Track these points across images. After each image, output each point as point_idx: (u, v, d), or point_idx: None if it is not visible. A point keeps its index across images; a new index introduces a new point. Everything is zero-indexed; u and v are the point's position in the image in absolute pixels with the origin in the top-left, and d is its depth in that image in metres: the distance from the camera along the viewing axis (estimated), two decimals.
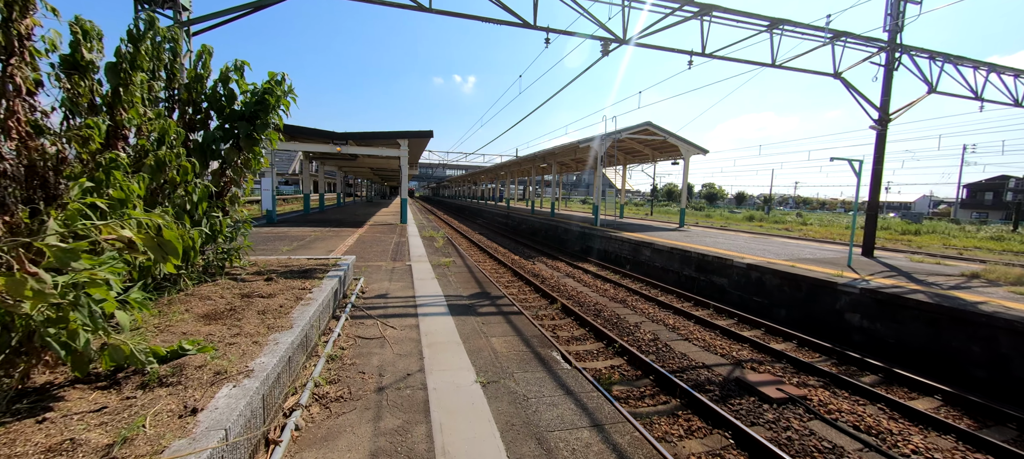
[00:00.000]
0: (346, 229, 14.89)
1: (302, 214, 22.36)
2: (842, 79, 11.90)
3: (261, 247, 9.78)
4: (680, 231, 19.65)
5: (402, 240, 12.56)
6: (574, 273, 13.76)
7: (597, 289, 11.57)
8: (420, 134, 17.81)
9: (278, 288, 4.29)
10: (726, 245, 13.92)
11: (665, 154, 24.64)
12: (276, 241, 10.96)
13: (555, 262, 15.73)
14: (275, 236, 12.08)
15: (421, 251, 10.43)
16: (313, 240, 11.48)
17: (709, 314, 9.45)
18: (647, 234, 16.98)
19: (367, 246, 10.96)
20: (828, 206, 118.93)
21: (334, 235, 12.93)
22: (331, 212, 25.03)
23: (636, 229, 19.57)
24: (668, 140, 21.53)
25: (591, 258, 16.52)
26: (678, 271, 12.68)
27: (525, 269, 13.98)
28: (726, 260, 10.92)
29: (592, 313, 9.14)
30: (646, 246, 14.35)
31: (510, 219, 30.82)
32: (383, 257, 9.27)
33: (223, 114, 4.19)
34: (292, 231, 13.52)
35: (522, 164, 34.90)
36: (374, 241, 12.03)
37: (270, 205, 16.69)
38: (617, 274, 13.74)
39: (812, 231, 30.51)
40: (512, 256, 16.70)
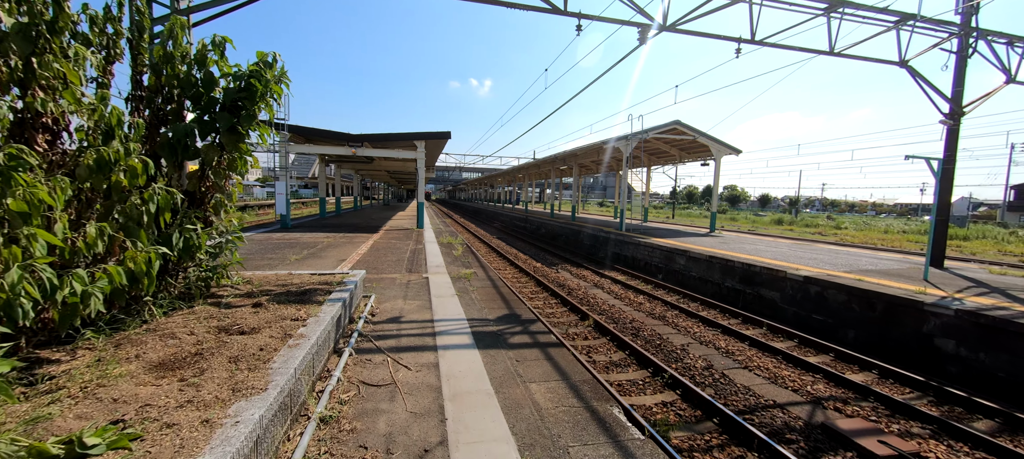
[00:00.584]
0: (360, 235, 14.20)
1: (318, 218, 21.89)
2: (908, 68, 10.60)
3: (267, 256, 9.09)
4: (712, 237, 18.38)
5: (418, 247, 11.75)
6: (602, 282, 12.73)
7: (630, 302, 10.52)
8: (437, 135, 17.06)
9: (266, 318, 3.45)
10: (769, 253, 12.68)
11: (693, 155, 23.35)
12: (285, 248, 10.28)
13: (580, 270, 14.72)
14: (286, 243, 11.43)
15: (439, 260, 9.58)
16: (324, 247, 10.77)
17: (763, 334, 8.32)
18: (678, 240, 15.80)
19: (381, 254, 10.18)
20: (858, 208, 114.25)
21: (347, 242, 12.23)
22: (347, 216, 24.54)
23: (664, 234, 18.38)
24: (698, 140, 20.30)
25: (618, 266, 15.44)
26: (719, 282, 11.52)
27: (549, 278, 13.02)
28: (777, 271, 9.74)
29: (630, 332, 8.11)
30: (680, 254, 13.21)
31: (529, 223, 29.88)
32: (398, 268, 8.45)
33: (200, 103, 3.39)
34: (304, 237, 12.88)
35: (541, 166, 33.94)
36: (389, 248, 11.25)
37: (284, 210, 16.16)
38: (649, 284, 12.65)
39: (849, 236, 28.66)
40: (534, 263, 15.76)
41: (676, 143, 22.61)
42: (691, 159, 24.13)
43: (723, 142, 20.62)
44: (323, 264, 8.31)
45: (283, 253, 9.57)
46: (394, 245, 12.00)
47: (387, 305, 5.64)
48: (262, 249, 10.13)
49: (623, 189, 20.08)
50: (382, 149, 17.41)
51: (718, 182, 21.00)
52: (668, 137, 20.44)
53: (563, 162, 28.12)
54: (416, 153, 17.17)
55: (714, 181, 21.00)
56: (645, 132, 19.34)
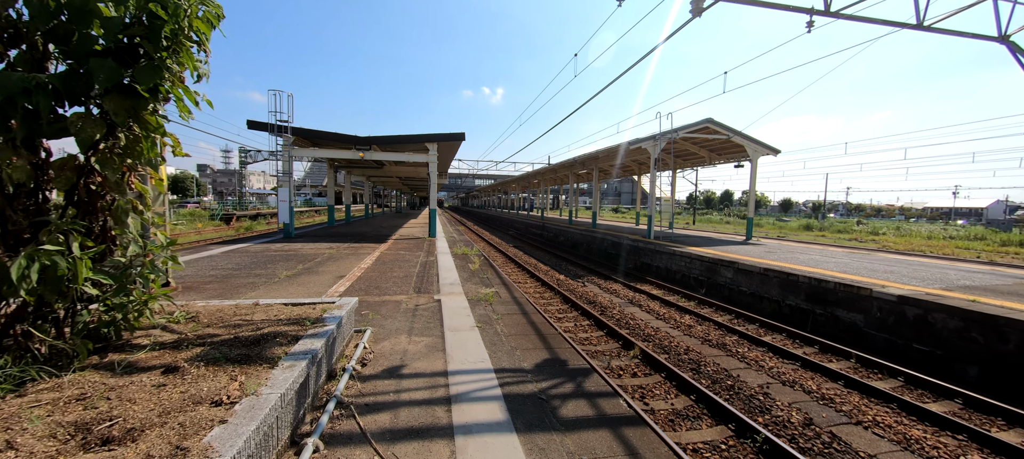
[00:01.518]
0: (367, 245, 12.93)
1: (325, 227, 20.79)
2: (1009, 43, 8.88)
3: (254, 273, 7.81)
4: (751, 245, 16.64)
5: (430, 260, 10.39)
6: (637, 299, 11.17)
7: (676, 324, 8.95)
8: (450, 137, 15.78)
9: (168, 402, 2.07)
10: (829, 264, 10.97)
11: (726, 156, 21.62)
12: (278, 262, 9.01)
13: (609, 283, 13.17)
14: (282, 255, 10.18)
15: (453, 277, 8.18)
16: (324, 260, 9.48)
17: (855, 369, 6.69)
18: (716, 249, 14.14)
19: (387, 269, 8.83)
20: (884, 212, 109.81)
21: (351, 253, 10.94)
22: (357, 225, 23.42)
23: (696, 242, 16.71)
24: (732, 139, 18.63)
25: (650, 278, 13.84)
26: (778, 300, 9.86)
27: (577, 294, 11.52)
28: (860, 289, 8.08)
29: (689, 366, 6.56)
30: (726, 266, 11.57)
31: (546, 230, 28.40)
32: (404, 287, 7.07)
33: (68, 44, 2.08)
34: (305, 248, 11.65)
35: (557, 171, 32.48)
36: (396, 261, 9.91)
37: (288, 218, 15.02)
38: (691, 301, 11.04)
39: (891, 242, 26.41)
40: (556, 275, 14.26)
41: (706, 143, 20.96)
42: (722, 161, 22.40)
43: (760, 141, 18.92)
44: (315, 283, 6.98)
45: (273, 268, 8.29)
46: (403, 257, 10.66)
47: (386, 345, 4.24)
48: (251, 263, 8.88)
49: (653, 193, 18.48)
50: (391, 152, 16.20)
51: (755, 185, 19.24)
52: (699, 137, 18.82)
53: (582, 166, 26.62)
54: (428, 156, 15.91)
55: (750, 184, 19.27)
56: (675, 131, 17.76)
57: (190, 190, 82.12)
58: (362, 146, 15.71)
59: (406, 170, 25.18)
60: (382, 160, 17.87)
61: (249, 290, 6.36)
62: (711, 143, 20.64)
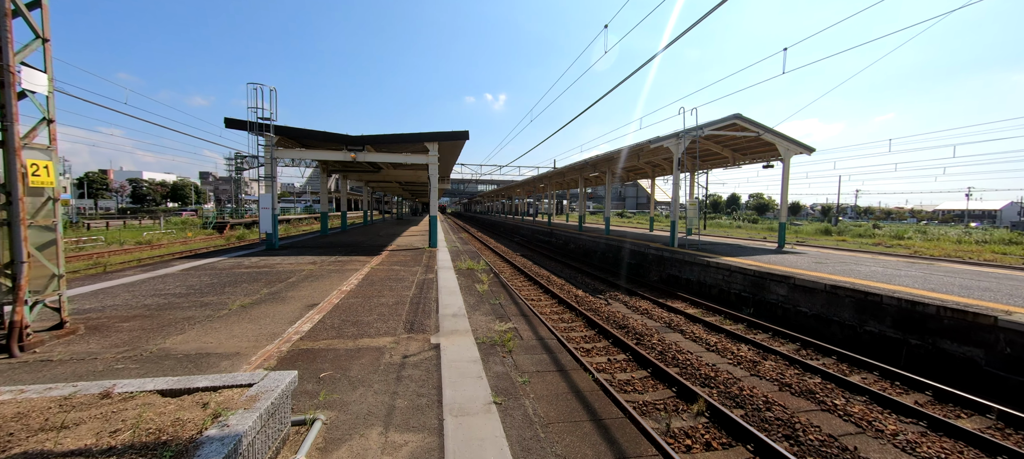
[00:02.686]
0: (357, 258, 11.24)
1: (317, 236, 19.15)
2: None
3: (205, 298, 6.12)
4: (790, 253, 14.85)
5: (429, 277, 8.68)
6: (673, 320, 9.40)
7: (734, 357, 7.18)
8: (453, 136, 14.13)
9: None
10: (905, 279, 9.18)
11: (753, 155, 19.87)
12: (240, 284, 7.32)
13: (636, 300, 11.42)
14: (252, 273, 8.49)
15: (457, 303, 6.46)
16: (301, 280, 7.79)
17: (991, 429, 4.92)
18: (755, 259, 12.37)
19: (375, 292, 7.12)
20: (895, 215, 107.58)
21: (336, 269, 9.25)
22: (353, 233, 21.76)
23: (725, 250, 14.94)
24: (763, 137, 16.90)
25: (681, 293, 12.07)
26: (853, 326, 8.07)
27: (601, 315, 9.78)
28: (975, 314, 6.30)
29: (781, 431, 4.80)
30: (777, 281, 9.81)
31: (555, 237, 26.67)
32: (392, 322, 5.35)
33: None
34: (284, 263, 9.97)
35: (565, 175, 30.78)
36: (388, 280, 8.21)
37: (270, 227, 13.36)
38: (739, 324, 9.28)
39: (922, 247, 24.46)
40: (574, 291, 12.51)
41: (731, 142, 19.22)
42: (748, 161, 20.64)
43: (793, 139, 17.18)
44: (272, 319, 5.27)
45: (231, 293, 6.60)
46: (396, 274, 8.96)
47: (342, 456, 2.51)
48: (207, 286, 7.19)
49: (674, 197, 16.72)
50: (387, 153, 14.55)
51: (787, 187, 17.46)
52: (725, 134, 17.09)
53: (594, 168, 24.90)
54: (428, 158, 14.26)
55: (783, 186, 17.48)
56: (700, 128, 16.05)
57: (189, 197, 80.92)
58: (354, 147, 14.07)
59: (405, 174, 23.55)
60: (378, 163, 16.23)
61: (174, 332, 4.66)
62: (737, 142, 18.90)
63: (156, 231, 29.76)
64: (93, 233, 26.85)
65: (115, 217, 51.05)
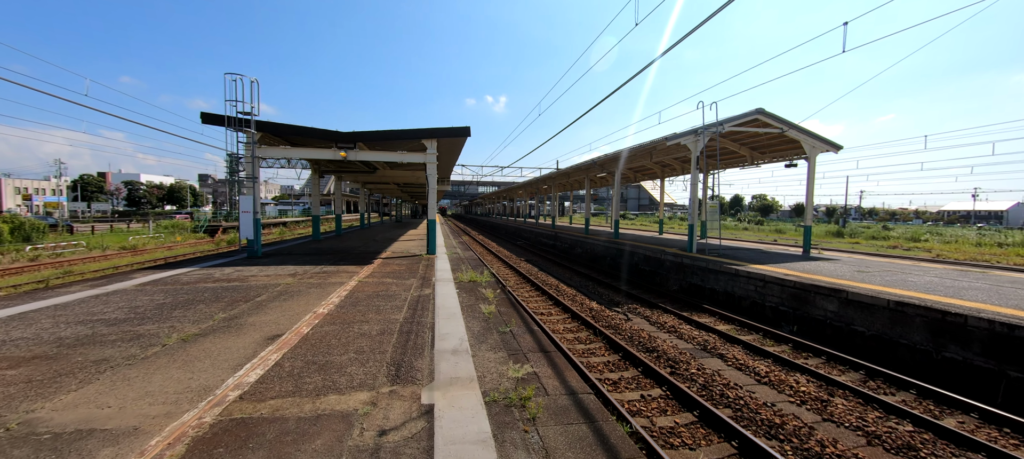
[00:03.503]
0: (345, 268, 9.99)
1: (307, 241, 17.90)
2: None
3: (144, 326, 4.87)
4: (819, 259, 13.59)
5: (425, 293, 7.42)
6: (708, 341, 8.13)
7: (793, 392, 5.92)
8: (453, 132, 12.89)
9: None
10: (969, 291, 7.90)
11: (774, 154, 18.61)
12: (197, 305, 6.06)
13: (658, 315, 10.16)
14: (217, 289, 7.23)
15: (458, 332, 5.20)
16: (271, 299, 6.53)
17: None
18: (786, 267, 11.11)
19: (357, 315, 5.87)
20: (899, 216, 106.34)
21: (319, 283, 8.00)
22: (347, 237, 20.51)
23: (747, 256, 13.66)
24: (787, 133, 15.66)
25: (708, 306, 10.80)
26: (928, 350, 6.80)
27: (623, 333, 8.53)
28: None
29: None
30: (825, 294, 8.54)
31: (560, 241, 25.42)
32: (372, 363, 4.10)
33: None
34: (260, 275, 8.72)
35: (570, 175, 29.56)
36: (376, 298, 6.96)
37: (251, 233, 12.12)
38: (782, 345, 8.03)
39: (944, 250, 23.18)
40: (587, 303, 11.24)
41: (751, 140, 17.97)
42: (767, 160, 19.37)
43: (820, 136, 15.95)
44: (223, 352, 4.03)
45: (180, 319, 5.35)
46: (387, 289, 7.71)
47: None
48: (161, 305, 5.95)
49: (692, 198, 15.47)
50: (382, 151, 13.32)
51: (813, 187, 16.19)
52: (746, 131, 15.84)
53: (601, 168, 23.65)
54: (425, 156, 13.02)
55: (808, 186, 16.22)
56: (720, 124, 14.79)
57: (185, 200, 79.75)
58: (345, 144, 12.84)
59: (403, 174, 22.32)
60: (371, 162, 15.00)
61: (69, 385, 3.41)
62: (758, 139, 17.65)
63: (143, 235, 28.54)
64: (76, 237, 25.63)
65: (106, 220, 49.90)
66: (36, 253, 18.93)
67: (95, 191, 74.94)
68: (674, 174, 25.82)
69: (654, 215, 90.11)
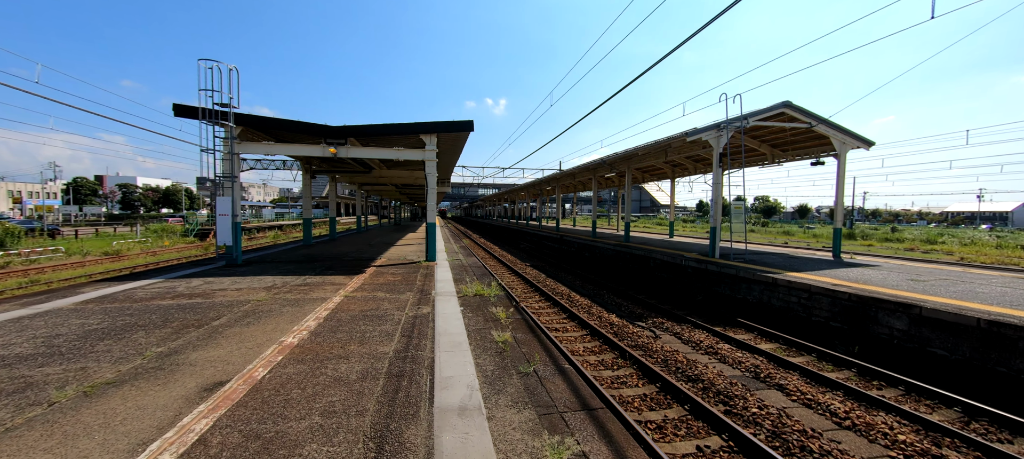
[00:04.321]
0: (332, 279, 8.72)
1: (297, 246, 16.63)
2: None
3: (46, 367, 3.61)
4: (858, 266, 12.35)
5: (423, 312, 6.16)
6: (759, 366, 6.87)
7: (890, 442, 4.66)
8: (454, 126, 11.66)
9: None
10: None
11: (797, 151, 17.39)
12: (132, 333, 4.79)
13: (687, 330, 8.90)
14: (168, 310, 5.97)
15: (466, 372, 3.94)
16: (233, 322, 5.28)
17: None
18: (827, 275, 9.87)
19: (335, 347, 4.62)
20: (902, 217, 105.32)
21: (297, 299, 6.74)
22: (341, 242, 19.25)
23: (775, 262, 12.41)
24: (815, 128, 14.48)
25: (742, 320, 9.56)
26: None
27: (654, 355, 7.28)
28: None
29: None
30: (892, 310, 7.30)
31: (566, 244, 24.18)
32: (344, 436, 2.85)
33: None
34: (231, 288, 7.46)
35: (577, 175, 28.32)
36: (362, 320, 5.70)
37: (229, 239, 10.86)
38: (843, 369, 6.79)
39: (966, 253, 21.90)
40: (606, 316, 9.98)
41: (775, 136, 16.75)
42: (789, 158, 18.15)
43: (851, 132, 14.77)
44: (127, 420, 2.81)
45: (102, 356, 4.09)
46: (378, 307, 6.45)
47: None
48: (87, 334, 4.70)
49: (715, 199, 14.23)
50: (376, 148, 12.08)
51: (843, 187, 14.98)
52: (771, 125, 14.62)
53: (610, 167, 22.41)
54: (424, 153, 11.78)
55: (837, 185, 15.02)
56: (744, 118, 13.58)
57: (181, 203, 78.40)
58: (335, 140, 11.60)
59: (401, 174, 21.08)
60: (364, 159, 13.74)
61: None
62: (781, 135, 16.42)
63: (130, 239, 27.25)
64: (57, 242, 24.36)
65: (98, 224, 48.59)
66: (7, 260, 17.66)
67: (89, 194, 73.62)
68: (686, 174, 24.61)
69: (655, 217, 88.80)
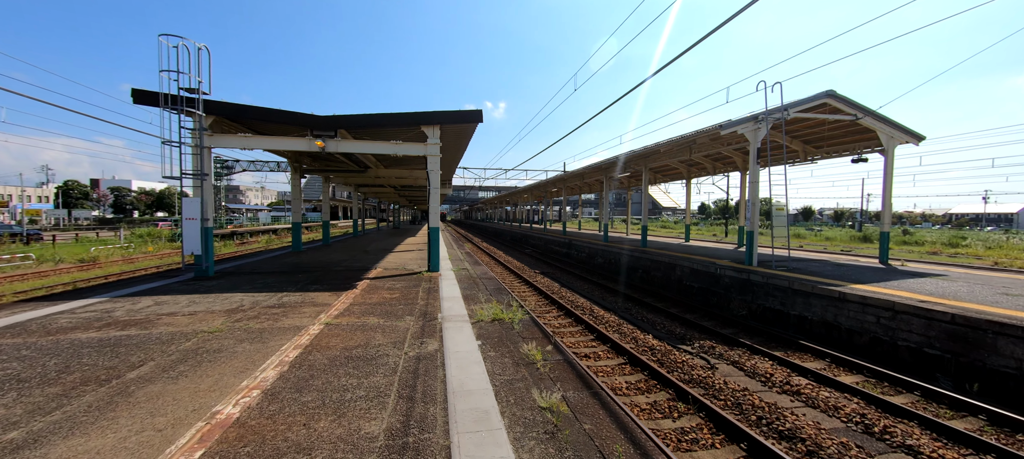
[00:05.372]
0: (315, 296, 7.14)
1: (284, 253, 15.05)
2: None
3: None
4: (919, 276, 10.79)
5: (427, 352, 4.59)
6: (866, 415, 5.31)
7: None
8: (460, 117, 10.13)
9: None
10: None
11: (833, 147, 15.87)
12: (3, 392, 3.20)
13: (748, 358, 7.34)
14: (83, 345, 4.39)
15: None
16: (162, 370, 3.70)
17: None
18: (907, 288, 8.30)
19: (290, 428, 3.05)
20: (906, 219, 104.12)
21: (260, 328, 5.16)
22: (334, 249, 17.65)
23: (823, 271, 10.84)
24: (861, 121, 12.97)
25: (805, 342, 8.00)
26: None
27: (717, 393, 5.73)
28: None
29: None
30: (1019, 337, 5.73)
31: (575, 249, 22.62)
32: None
33: None
34: (185, 310, 5.89)
35: (586, 176, 26.76)
36: (340, 368, 4.14)
37: (197, 246, 9.29)
38: (968, 415, 5.22)
39: (998, 257, 20.32)
40: (642, 337, 8.39)
41: (810, 131, 15.22)
42: (823, 154, 16.61)
43: (900, 125, 13.30)
44: None
45: None
46: (367, 343, 4.87)
47: None
48: None
49: (751, 200, 12.68)
50: (370, 141, 10.53)
51: (891, 185, 13.46)
52: (812, 117, 13.09)
53: (624, 167, 20.88)
54: (426, 147, 10.24)
55: (885, 182, 13.52)
56: (784, 108, 12.06)
57: (175, 206, 76.58)
58: (323, 132, 10.04)
59: (400, 174, 19.51)
60: (357, 155, 12.18)
61: None
62: (818, 130, 14.89)
63: (112, 245, 25.63)
64: (32, 249, 22.72)
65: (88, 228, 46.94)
66: None
67: (80, 198, 71.88)
68: (704, 174, 23.07)
69: (658, 220, 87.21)
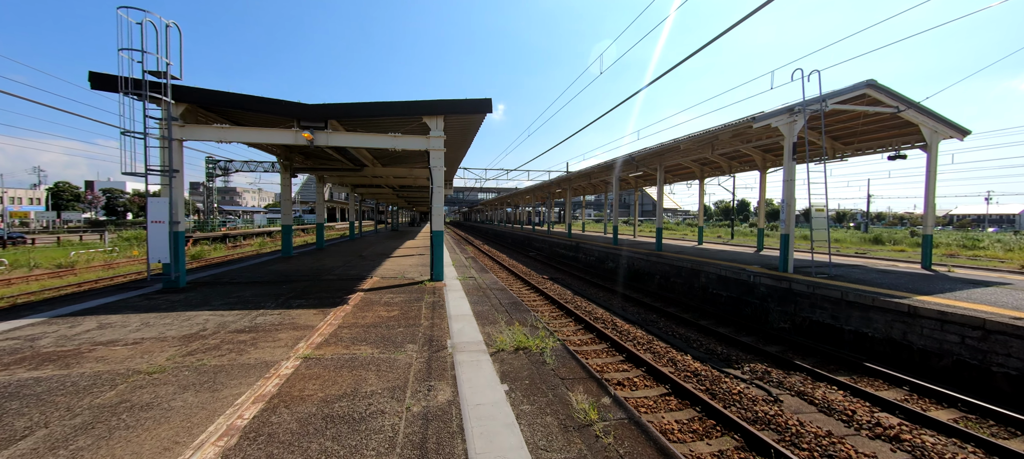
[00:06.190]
0: (297, 315, 5.92)
1: (274, 258, 13.81)
2: None
3: None
4: (984, 285, 9.62)
5: (436, 404, 3.45)
6: None
7: None
8: (467, 106, 8.94)
9: None
10: None
11: (866, 142, 14.72)
12: None
13: (813, 386, 6.19)
14: None
15: None
16: (55, 442, 2.45)
17: None
18: (979, 299, 7.13)
19: None
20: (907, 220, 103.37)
21: (216, 367, 3.95)
22: (327, 253, 16.40)
23: (856, 277, 9.66)
24: (902, 114, 11.87)
25: (872, 365, 6.84)
26: None
27: (804, 445, 4.51)
28: None
29: None
30: None
31: (583, 252, 21.44)
32: None
33: None
34: (129, 337, 4.67)
35: (593, 176, 25.58)
36: (316, 437, 2.95)
37: (165, 254, 8.06)
38: None
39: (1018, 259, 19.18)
40: (680, 357, 7.20)
41: (839, 126, 14.08)
42: (852, 151, 15.45)
43: (945, 119, 12.18)
44: None
45: None
46: (357, 389, 3.67)
47: None
48: None
49: (787, 198, 11.52)
50: (366, 134, 9.32)
51: (934, 184, 12.33)
52: (850, 109, 11.93)
53: (636, 166, 19.70)
54: (429, 141, 9.05)
55: (927, 183, 12.38)
56: (822, 99, 10.92)
57: None
58: (311, 123, 8.82)
59: (399, 173, 18.28)
60: (351, 150, 10.97)
61: None
62: (852, 124, 13.75)
63: (95, 248, 24.31)
64: (6, 254, 21.39)
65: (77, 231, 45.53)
66: None
67: (71, 200, 70.39)
68: (718, 173, 21.92)
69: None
